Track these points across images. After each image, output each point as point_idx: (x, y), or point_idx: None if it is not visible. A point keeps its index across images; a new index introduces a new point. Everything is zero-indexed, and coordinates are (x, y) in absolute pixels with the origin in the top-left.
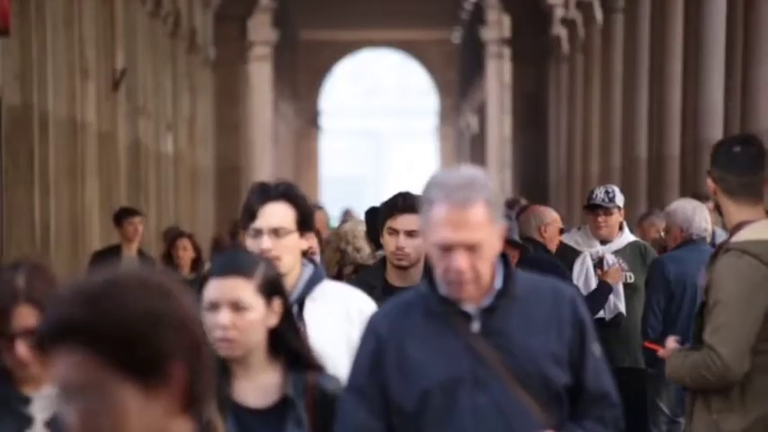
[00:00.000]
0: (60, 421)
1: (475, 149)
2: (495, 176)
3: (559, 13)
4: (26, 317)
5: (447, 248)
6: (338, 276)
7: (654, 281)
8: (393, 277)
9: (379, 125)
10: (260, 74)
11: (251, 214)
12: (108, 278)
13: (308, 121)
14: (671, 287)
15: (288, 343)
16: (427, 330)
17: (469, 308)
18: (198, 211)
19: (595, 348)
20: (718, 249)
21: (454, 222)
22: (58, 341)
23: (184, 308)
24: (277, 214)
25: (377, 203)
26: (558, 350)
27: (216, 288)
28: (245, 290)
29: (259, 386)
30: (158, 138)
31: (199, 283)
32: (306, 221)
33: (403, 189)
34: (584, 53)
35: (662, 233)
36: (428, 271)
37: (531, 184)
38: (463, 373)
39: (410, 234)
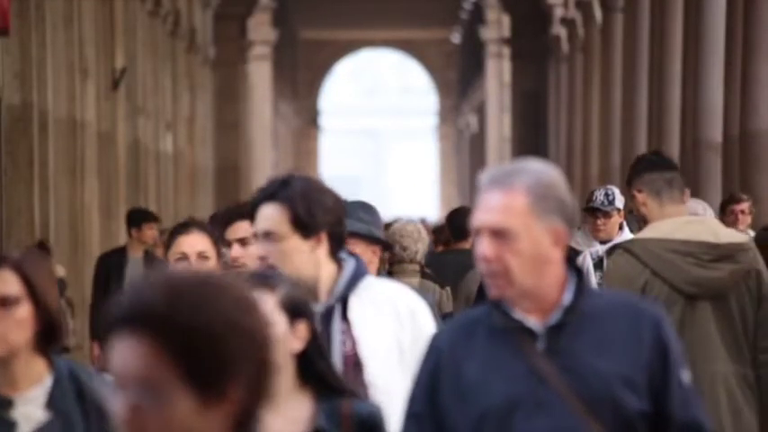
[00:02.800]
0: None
1: (474, 149)
2: None
3: (559, 12)
4: (5, 282)
5: (477, 233)
6: (385, 275)
7: None
8: None
9: (379, 125)
10: (259, 73)
11: (251, 217)
12: (199, 277)
13: (308, 120)
14: None
15: (316, 369)
16: (488, 349)
17: (534, 324)
18: (197, 211)
19: (683, 375)
20: (612, 248)
21: (486, 205)
22: (131, 326)
23: (260, 323)
24: (268, 217)
25: (377, 203)
26: (634, 374)
27: None
28: (264, 303)
29: (287, 418)
30: (158, 137)
31: None
32: (304, 221)
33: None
34: (584, 53)
35: None
36: None
37: None
38: (523, 395)
39: (242, 242)
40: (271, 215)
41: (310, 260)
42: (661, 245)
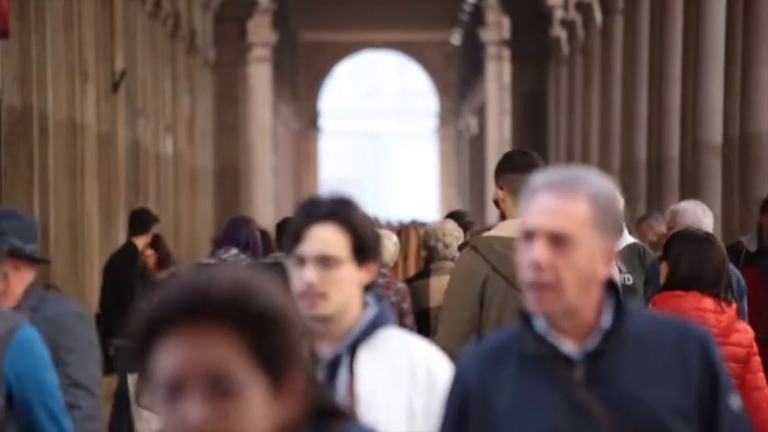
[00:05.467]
0: None
1: (474, 151)
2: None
3: (559, 14)
4: None
5: (528, 237)
6: (424, 273)
7: (655, 280)
8: None
9: (379, 126)
10: (259, 75)
11: (295, 236)
12: (247, 271)
13: (308, 122)
14: None
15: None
16: (519, 378)
17: (571, 350)
18: (197, 213)
19: (733, 401)
20: (463, 245)
21: (543, 208)
22: (197, 317)
23: (302, 314)
24: (324, 239)
25: (378, 204)
26: (682, 401)
27: None
28: None
29: None
30: (158, 139)
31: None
32: (364, 249)
33: None
34: (584, 55)
35: (666, 230)
36: (524, 309)
37: None
38: (561, 429)
39: None
40: (329, 237)
41: (357, 294)
42: (502, 243)
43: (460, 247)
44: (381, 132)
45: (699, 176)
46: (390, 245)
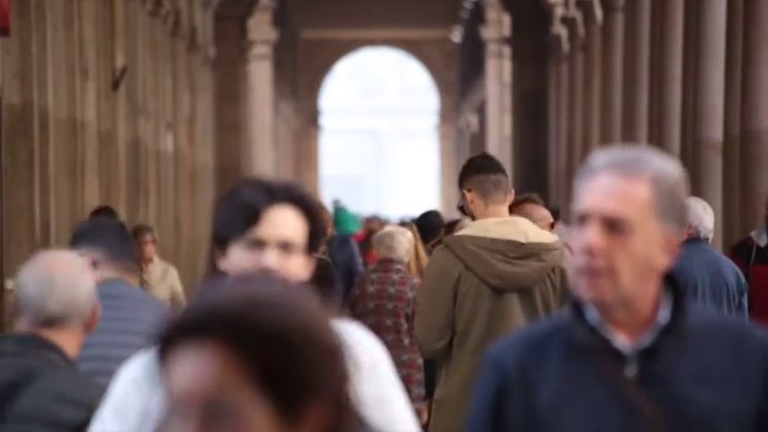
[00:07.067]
0: None
1: (475, 148)
2: None
3: (559, 11)
4: None
5: (582, 220)
6: None
7: None
8: None
9: (380, 124)
10: (260, 73)
11: (249, 217)
12: (271, 288)
13: (308, 120)
14: None
15: None
16: (566, 372)
17: (624, 345)
18: (197, 211)
19: None
20: (437, 243)
21: (600, 190)
22: (201, 334)
23: (339, 341)
24: (287, 223)
25: (378, 202)
26: (739, 407)
27: None
28: None
29: None
30: (158, 137)
31: None
32: (316, 239)
33: None
34: (585, 52)
35: None
36: (576, 298)
37: (531, 183)
38: (608, 427)
39: None
40: (292, 222)
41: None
42: (474, 242)
43: (434, 246)
44: (382, 130)
45: (699, 174)
46: (405, 241)
